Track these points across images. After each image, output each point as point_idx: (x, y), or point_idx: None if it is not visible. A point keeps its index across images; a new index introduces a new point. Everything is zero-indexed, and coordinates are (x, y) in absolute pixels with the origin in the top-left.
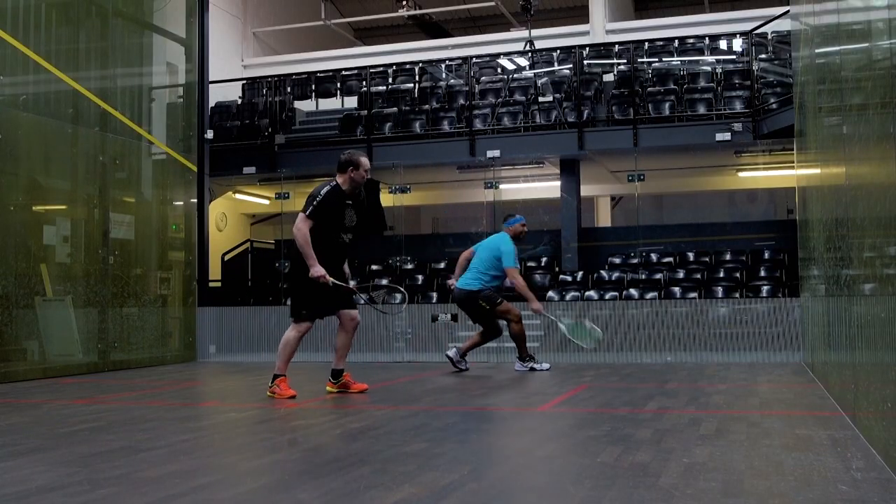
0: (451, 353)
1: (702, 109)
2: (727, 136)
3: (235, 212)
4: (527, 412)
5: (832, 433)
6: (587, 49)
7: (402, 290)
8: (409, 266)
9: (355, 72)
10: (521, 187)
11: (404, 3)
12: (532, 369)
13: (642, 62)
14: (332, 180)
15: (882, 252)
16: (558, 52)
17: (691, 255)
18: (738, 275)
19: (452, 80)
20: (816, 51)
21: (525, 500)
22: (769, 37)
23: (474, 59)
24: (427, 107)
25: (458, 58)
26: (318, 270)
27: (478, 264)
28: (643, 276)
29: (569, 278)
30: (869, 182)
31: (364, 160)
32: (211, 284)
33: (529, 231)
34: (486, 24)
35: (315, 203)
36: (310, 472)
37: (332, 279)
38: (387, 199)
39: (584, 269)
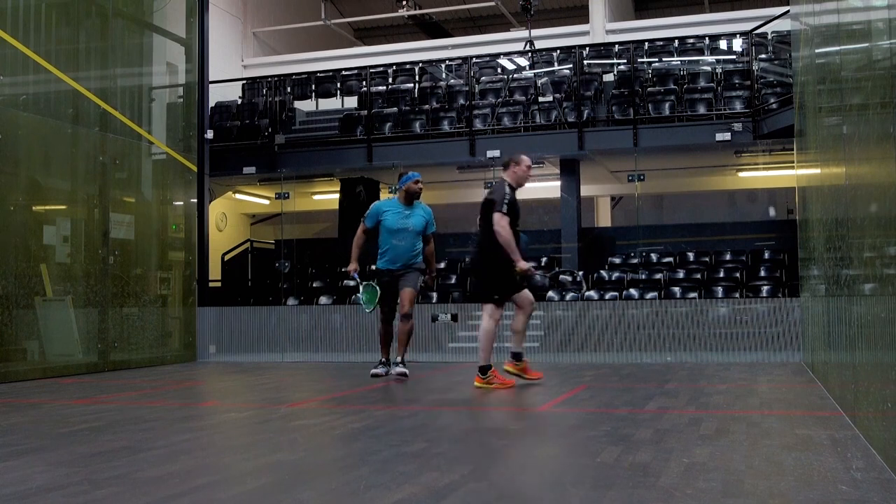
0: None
1: (702, 109)
2: (727, 136)
3: (235, 212)
4: (527, 412)
5: (832, 433)
6: (587, 49)
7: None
8: None
9: (355, 72)
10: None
11: (404, 3)
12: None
13: (642, 62)
14: (502, 180)
15: (882, 252)
16: (558, 52)
17: (691, 255)
18: (738, 275)
19: (452, 80)
20: (816, 51)
21: (525, 500)
22: (769, 37)
23: (474, 59)
24: (427, 107)
25: (458, 58)
26: (524, 264)
27: None
28: (643, 276)
29: (569, 278)
30: (869, 182)
31: (525, 157)
32: (211, 284)
33: (530, 231)
34: (486, 24)
35: (506, 201)
36: (310, 472)
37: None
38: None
39: (584, 269)
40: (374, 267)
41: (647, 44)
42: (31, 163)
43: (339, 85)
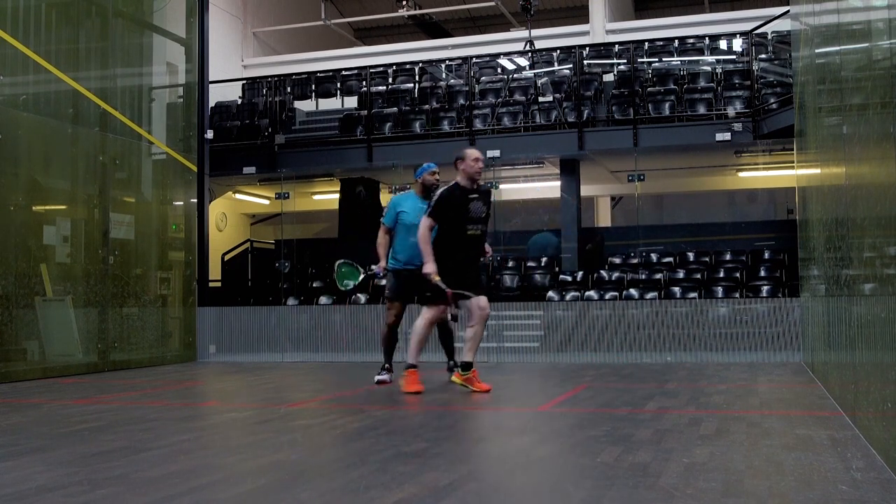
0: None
1: (702, 109)
2: (727, 136)
3: (235, 212)
4: (527, 412)
5: (832, 433)
6: (587, 49)
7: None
8: None
9: (355, 72)
10: (521, 187)
11: (404, 3)
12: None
13: (642, 62)
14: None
15: (882, 252)
16: (558, 52)
17: (691, 255)
18: (738, 275)
19: (452, 80)
20: (816, 51)
21: (525, 500)
22: (769, 37)
23: (474, 59)
24: (427, 107)
25: (458, 58)
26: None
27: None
28: (643, 276)
29: (569, 278)
30: (869, 182)
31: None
32: (211, 284)
33: (531, 231)
34: (486, 24)
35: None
36: (310, 472)
37: None
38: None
39: (584, 269)
40: (386, 267)
41: (647, 44)
42: (31, 163)
43: (339, 85)
